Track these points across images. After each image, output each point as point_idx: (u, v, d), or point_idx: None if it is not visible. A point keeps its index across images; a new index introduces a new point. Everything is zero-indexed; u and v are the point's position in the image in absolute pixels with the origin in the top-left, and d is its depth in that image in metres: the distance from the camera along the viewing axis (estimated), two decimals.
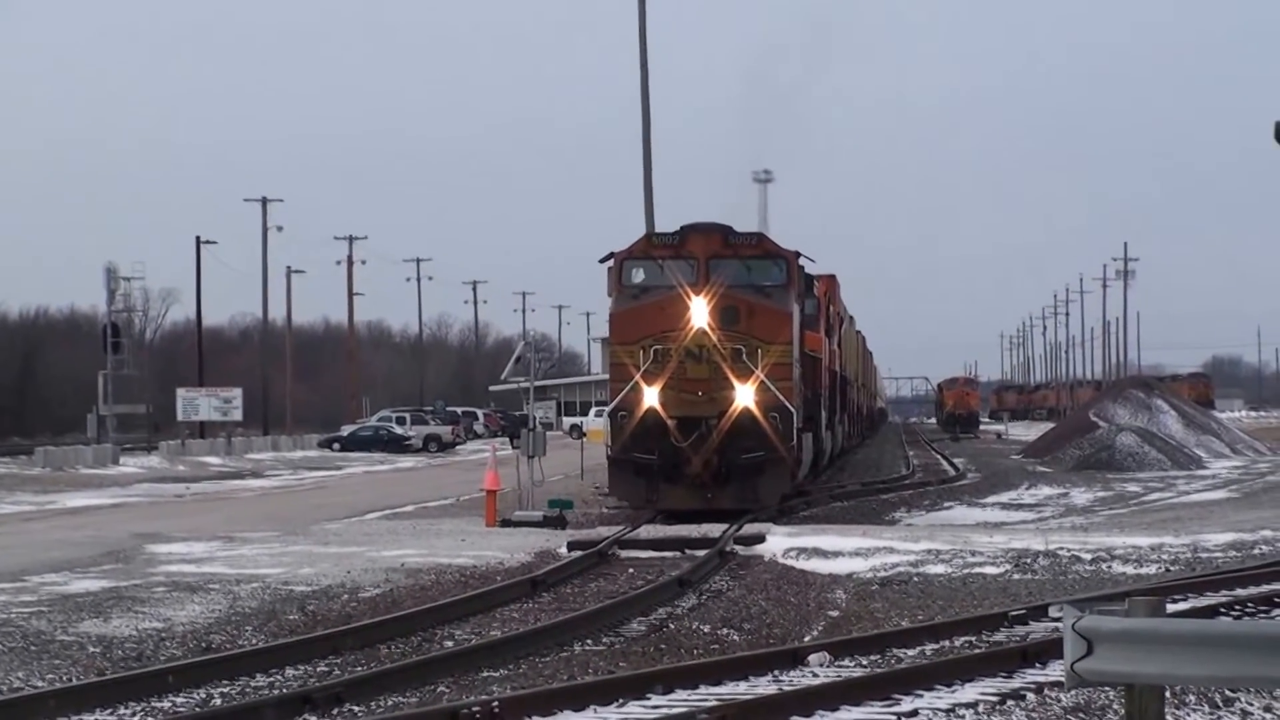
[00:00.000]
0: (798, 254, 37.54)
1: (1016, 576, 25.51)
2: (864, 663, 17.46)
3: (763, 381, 35.20)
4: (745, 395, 35.21)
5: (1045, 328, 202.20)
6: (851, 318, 71.73)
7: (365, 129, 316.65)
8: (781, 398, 35.31)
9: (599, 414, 72.05)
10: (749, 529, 31.31)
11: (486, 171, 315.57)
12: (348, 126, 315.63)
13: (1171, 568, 26.37)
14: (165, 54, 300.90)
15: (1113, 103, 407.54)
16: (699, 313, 35.29)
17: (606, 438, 36.74)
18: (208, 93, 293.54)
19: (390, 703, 15.61)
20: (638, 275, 36.64)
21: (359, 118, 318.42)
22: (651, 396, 35.22)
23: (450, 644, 19.09)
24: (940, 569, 26.44)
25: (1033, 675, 16.30)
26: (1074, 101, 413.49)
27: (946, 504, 46.18)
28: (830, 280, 52.89)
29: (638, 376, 35.25)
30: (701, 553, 28.00)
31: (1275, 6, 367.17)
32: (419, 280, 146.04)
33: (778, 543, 29.85)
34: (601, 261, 36.95)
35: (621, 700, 15.23)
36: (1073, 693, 14.73)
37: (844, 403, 60.14)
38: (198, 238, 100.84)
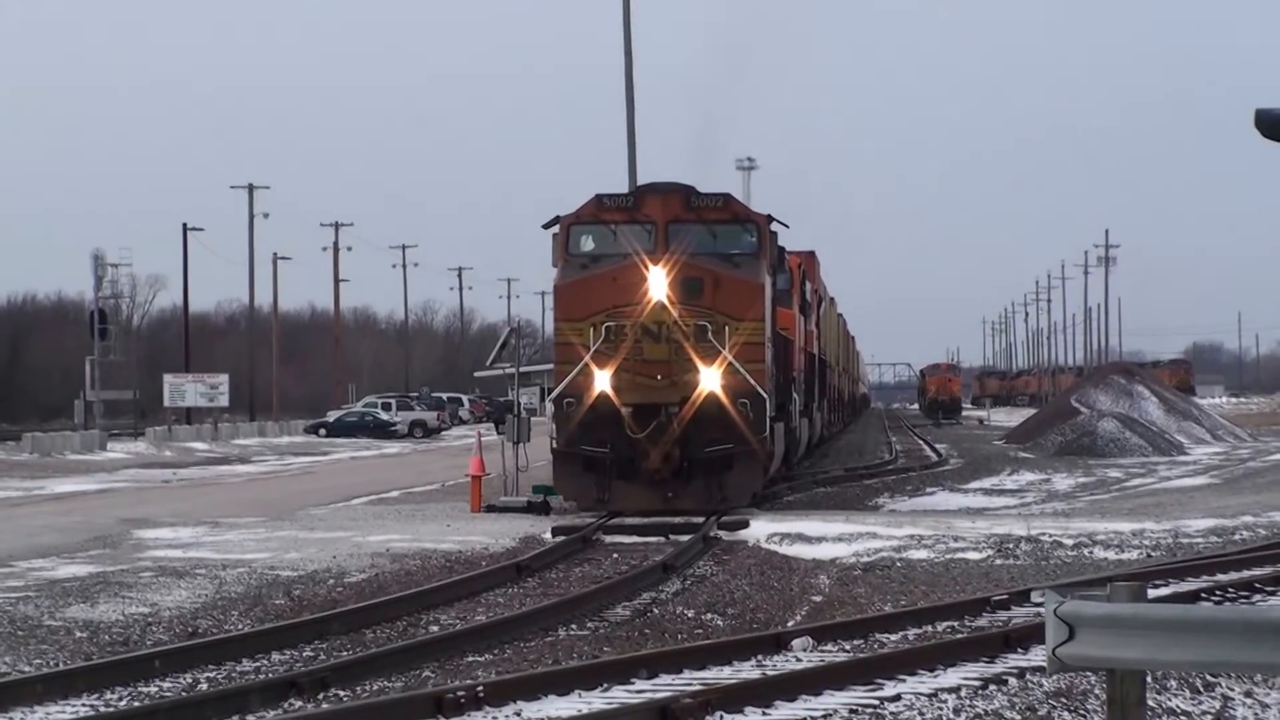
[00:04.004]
0: (769, 218, 33.72)
1: (999, 562, 25.64)
2: (847, 647, 17.53)
3: (731, 363, 31.43)
4: (711, 379, 31.46)
5: (1027, 314, 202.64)
6: (832, 299, 71.32)
7: (352, 117, 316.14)
8: (752, 381, 31.53)
9: None
10: (732, 514, 31.09)
11: (472, 160, 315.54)
12: (334, 114, 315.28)
13: (1153, 553, 26.49)
14: (149, 40, 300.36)
15: (1097, 90, 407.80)
16: (657, 285, 31.53)
17: (551, 428, 32.82)
18: (194, 79, 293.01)
19: (376, 687, 15.66)
20: (587, 243, 32.75)
21: (346, 105, 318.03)
22: (603, 381, 31.47)
23: (435, 629, 19.16)
24: (923, 554, 26.55)
25: (1015, 660, 16.38)
26: (1058, 88, 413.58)
27: (929, 489, 46.27)
28: (809, 257, 51.88)
29: (587, 358, 31.47)
30: (685, 538, 27.97)
31: None
32: (404, 267, 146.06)
33: (761, 528, 29.93)
34: (545, 227, 32.94)
35: (606, 685, 15.29)
36: (1055, 677, 14.80)
37: (823, 388, 58.72)
38: (185, 224, 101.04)
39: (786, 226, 34.72)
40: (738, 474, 31.86)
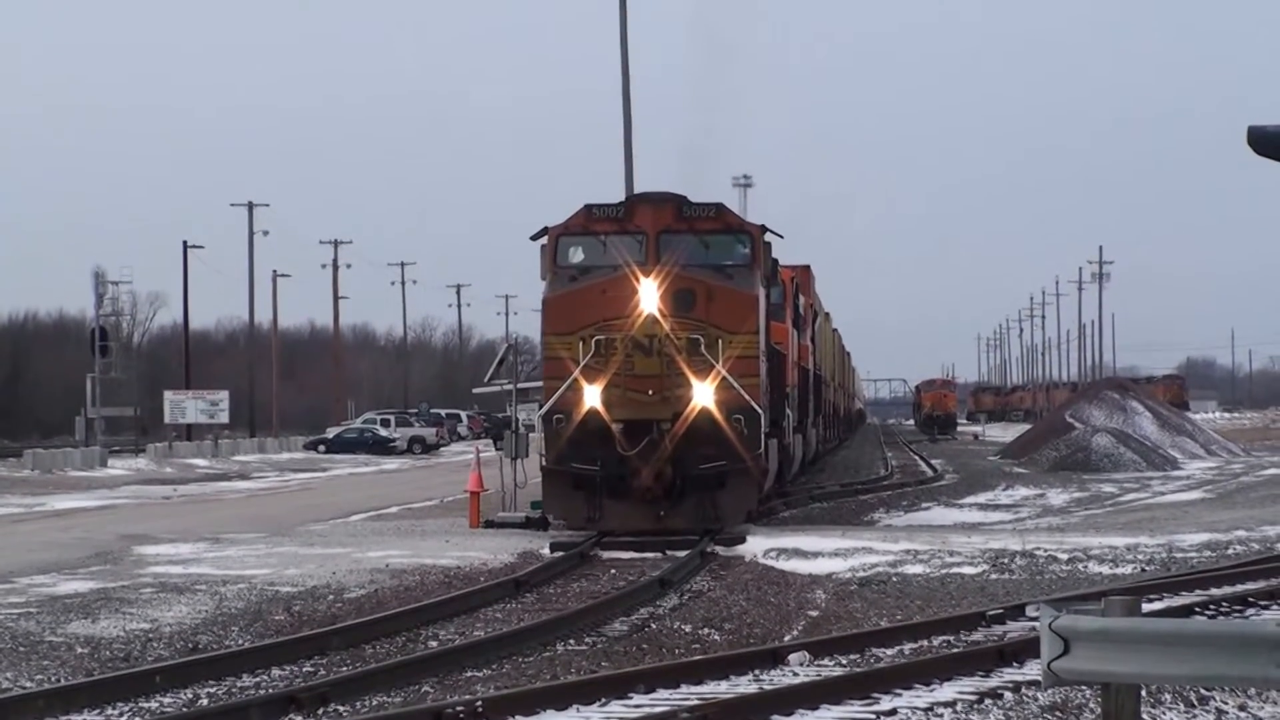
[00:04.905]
0: (763, 228, 32.49)
1: (994, 576, 25.71)
2: (843, 662, 17.61)
3: (724, 378, 30.32)
4: (704, 394, 30.36)
5: (1022, 330, 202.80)
6: (828, 314, 71.19)
7: (351, 136, 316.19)
8: (747, 396, 30.44)
9: None
10: (728, 530, 30.91)
11: (470, 179, 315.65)
12: (334, 132, 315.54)
13: (1147, 568, 26.59)
14: (149, 58, 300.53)
15: (1093, 107, 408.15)
16: (648, 297, 30.42)
17: (540, 445, 32.04)
18: (194, 97, 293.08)
19: (375, 702, 15.75)
20: (576, 254, 31.62)
21: (345, 124, 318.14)
22: (593, 396, 30.41)
23: (435, 644, 19.24)
24: (918, 569, 26.62)
25: (1010, 674, 16.44)
26: (1052, 105, 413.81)
27: (924, 505, 46.26)
28: (804, 271, 51.31)
29: (576, 373, 30.39)
30: (682, 554, 27.95)
31: (1251, 6, 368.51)
32: (403, 284, 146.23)
33: (758, 543, 30.01)
34: (533, 238, 31.89)
35: (604, 700, 15.37)
36: (1049, 691, 14.90)
37: (818, 404, 58.04)
38: (185, 242, 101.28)
39: (781, 237, 33.90)
40: (731, 492, 30.75)
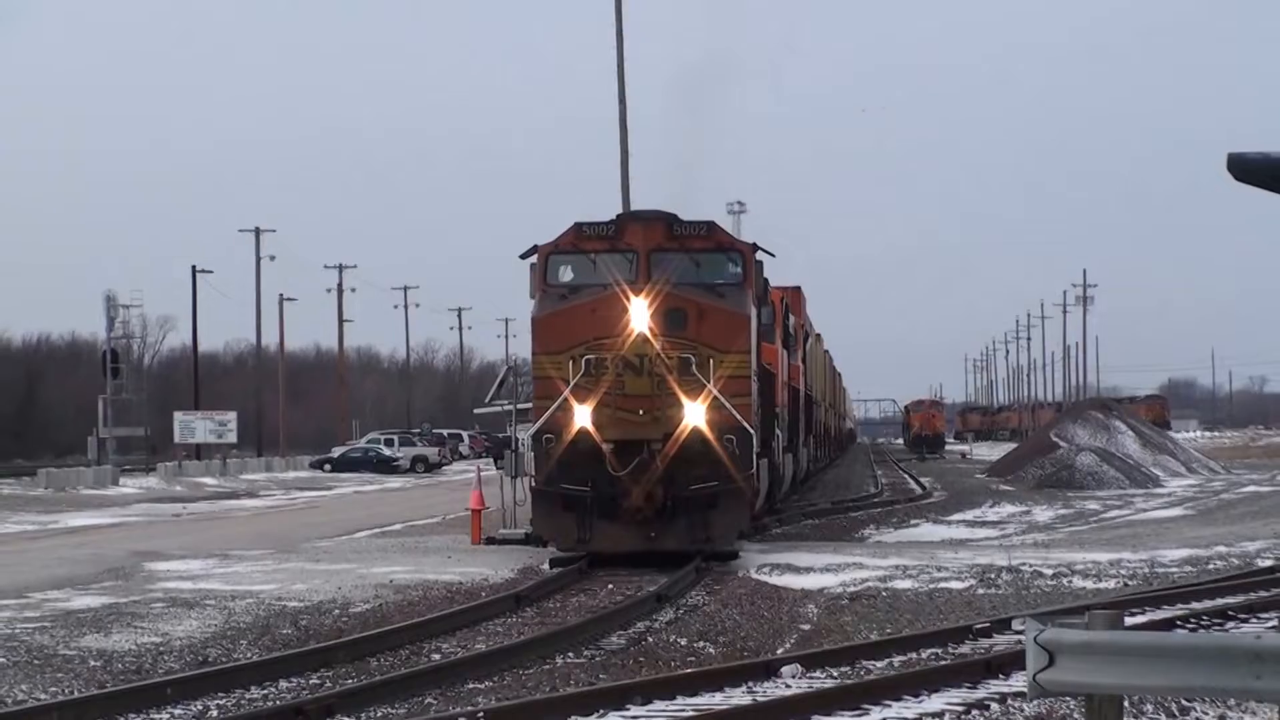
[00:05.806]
0: (755, 247, 31.93)
1: (981, 591, 25.88)
2: (835, 674, 17.84)
3: (716, 397, 29.68)
4: (695, 414, 29.76)
5: (1008, 351, 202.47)
6: (819, 335, 71.14)
7: (355, 162, 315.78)
8: (738, 416, 29.79)
9: None
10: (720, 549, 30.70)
11: (471, 204, 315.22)
12: (338, 159, 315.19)
13: (1130, 582, 26.86)
14: (158, 82, 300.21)
15: (1077, 134, 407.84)
16: (639, 316, 29.84)
17: (530, 466, 31.67)
18: (200, 126, 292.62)
19: (380, 714, 16.02)
20: (565, 273, 31.08)
21: (348, 151, 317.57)
22: (583, 416, 29.79)
23: (437, 657, 19.46)
24: (907, 584, 26.81)
25: (996, 686, 16.69)
26: (1039, 133, 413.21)
27: (914, 522, 46.23)
28: (795, 292, 51.18)
29: (566, 392, 29.80)
30: (678, 570, 28.05)
31: (1231, 40, 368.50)
32: (406, 307, 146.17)
33: (751, 559, 30.29)
34: (523, 257, 31.22)
35: (602, 711, 15.60)
36: (1035, 702, 15.11)
37: (809, 424, 57.62)
38: (194, 267, 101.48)
39: (772, 255, 33.14)
40: (723, 512, 30.02)
